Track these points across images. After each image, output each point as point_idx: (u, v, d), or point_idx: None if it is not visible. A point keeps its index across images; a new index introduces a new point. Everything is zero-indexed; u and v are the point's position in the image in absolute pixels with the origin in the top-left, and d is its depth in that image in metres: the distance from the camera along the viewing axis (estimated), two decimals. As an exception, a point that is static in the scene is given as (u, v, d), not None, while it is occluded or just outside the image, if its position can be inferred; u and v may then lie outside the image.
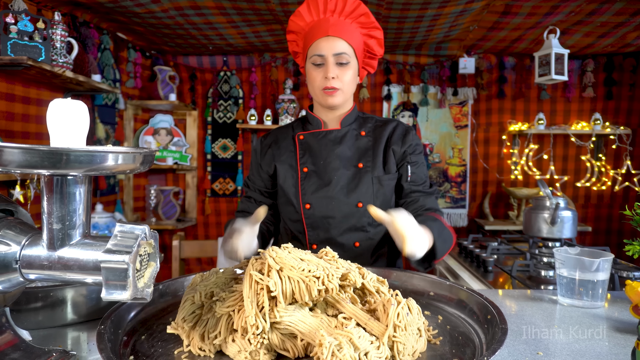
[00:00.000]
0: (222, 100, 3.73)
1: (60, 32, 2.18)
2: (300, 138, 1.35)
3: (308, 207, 1.29)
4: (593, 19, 2.68)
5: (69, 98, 0.80)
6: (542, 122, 3.53)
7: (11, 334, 0.69)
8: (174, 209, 3.49)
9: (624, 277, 1.66)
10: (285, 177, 1.33)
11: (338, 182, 1.29)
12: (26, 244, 0.62)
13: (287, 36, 1.35)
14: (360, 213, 1.28)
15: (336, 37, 1.22)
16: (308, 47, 1.26)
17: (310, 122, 1.38)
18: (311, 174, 1.31)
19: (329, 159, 1.31)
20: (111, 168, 0.57)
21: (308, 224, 1.30)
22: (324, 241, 1.29)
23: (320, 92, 1.26)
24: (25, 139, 2.32)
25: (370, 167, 1.30)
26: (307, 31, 1.28)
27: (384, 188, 1.30)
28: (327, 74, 1.23)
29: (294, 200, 1.31)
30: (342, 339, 0.63)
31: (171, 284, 0.97)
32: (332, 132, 1.34)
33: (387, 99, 3.71)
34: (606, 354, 0.81)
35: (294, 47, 1.36)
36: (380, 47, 1.33)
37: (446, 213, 3.78)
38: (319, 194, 1.29)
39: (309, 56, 1.26)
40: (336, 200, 1.28)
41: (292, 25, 1.31)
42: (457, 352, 0.75)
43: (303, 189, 1.30)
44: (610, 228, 3.74)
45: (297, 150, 1.34)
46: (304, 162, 1.33)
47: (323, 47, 1.22)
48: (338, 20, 1.24)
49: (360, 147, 1.33)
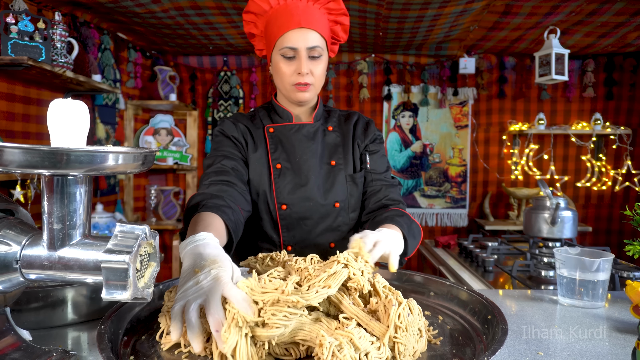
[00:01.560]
0: (222, 100, 3.73)
1: (61, 32, 2.18)
2: (270, 131, 1.25)
3: (284, 208, 1.21)
4: (593, 19, 2.68)
5: (70, 98, 0.80)
6: (543, 122, 3.53)
7: (11, 334, 0.69)
8: (174, 209, 3.49)
9: (625, 277, 1.66)
10: (260, 172, 1.22)
11: (315, 182, 1.22)
12: (27, 244, 0.62)
13: (244, 16, 1.23)
14: (336, 213, 1.23)
15: (309, 28, 1.14)
16: (277, 36, 1.16)
17: (278, 113, 1.28)
18: (285, 171, 1.22)
19: (304, 157, 1.23)
20: (111, 168, 0.57)
21: (283, 225, 1.22)
22: (299, 242, 1.23)
23: (292, 87, 1.18)
24: (25, 139, 2.32)
25: (342, 164, 1.25)
26: (272, 15, 1.18)
27: (357, 186, 1.26)
28: (300, 69, 1.15)
29: (269, 198, 1.21)
30: (342, 339, 0.63)
31: (171, 284, 0.97)
32: (305, 127, 1.26)
33: (387, 99, 3.71)
34: (606, 354, 0.80)
35: (251, 28, 1.25)
36: (345, 34, 1.25)
37: (446, 213, 3.78)
38: (296, 194, 1.21)
39: (278, 47, 1.16)
40: (314, 201, 1.21)
41: (252, 6, 1.20)
42: (457, 352, 0.75)
43: (277, 188, 1.21)
44: (610, 228, 3.74)
45: (268, 144, 1.24)
46: (276, 157, 1.23)
47: (295, 39, 1.14)
48: (307, 6, 1.16)
49: (329, 143, 1.27)
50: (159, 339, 0.75)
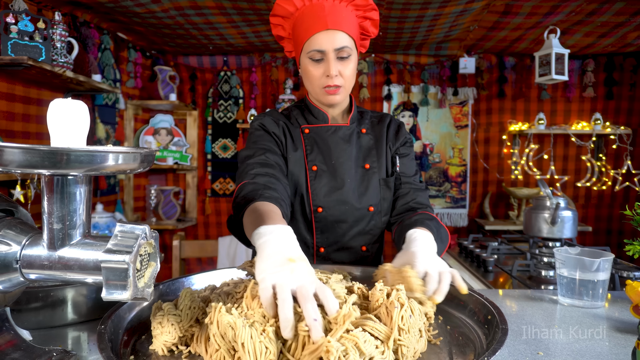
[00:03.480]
0: (222, 100, 3.73)
1: (61, 32, 2.18)
2: (305, 132, 1.24)
3: (320, 210, 1.20)
4: (593, 19, 2.68)
5: (70, 98, 0.80)
6: (543, 122, 3.53)
7: (12, 334, 0.69)
8: (174, 209, 3.49)
9: (625, 277, 1.66)
10: (299, 173, 1.20)
11: (350, 185, 1.21)
12: (27, 244, 0.62)
13: (272, 19, 1.21)
14: (370, 217, 1.23)
15: (336, 29, 1.11)
16: (304, 39, 1.14)
17: (313, 114, 1.26)
18: (321, 173, 1.21)
19: (340, 159, 1.21)
20: (111, 168, 0.57)
21: (318, 227, 1.21)
22: (332, 244, 1.22)
23: (321, 91, 1.17)
24: (25, 138, 2.32)
25: (376, 168, 1.24)
26: (299, 17, 1.15)
27: (390, 190, 1.25)
28: (329, 72, 1.13)
29: (305, 200, 1.20)
30: (348, 343, 0.62)
31: (171, 284, 0.97)
32: (342, 129, 1.24)
33: (387, 98, 3.71)
34: (606, 354, 0.80)
35: (279, 30, 1.22)
36: (375, 28, 1.22)
37: (446, 213, 3.78)
38: (332, 197, 1.20)
39: (306, 50, 1.14)
40: (349, 204, 1.20)
41: (278, 9, 1.17)
42: (457, 352, 0.75)
43: (313, 190, 1.20)
44: (610, 228, 3.74)
45: (304, 145, 1.23)
46: (312, 159, 1.21)
47: (323, 41, 1.11)
48: (333, 5, 1.13)
49: (363, 145, 1.26)
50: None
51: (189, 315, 0.74)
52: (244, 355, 0.62)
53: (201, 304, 0.77)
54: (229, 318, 0.64)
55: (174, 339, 0.72)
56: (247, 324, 0.64)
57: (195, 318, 0.75)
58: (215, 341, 0.65)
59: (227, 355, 0.65)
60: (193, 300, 0.77)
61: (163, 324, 0.73)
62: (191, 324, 0.74)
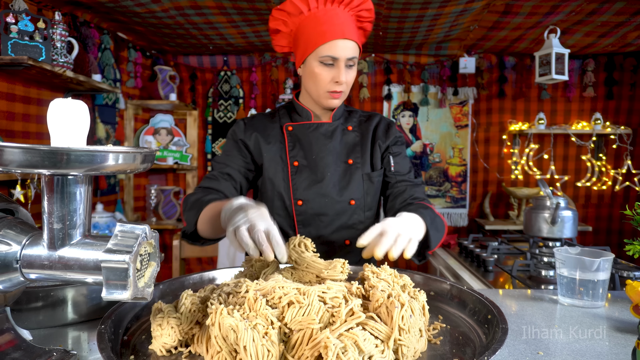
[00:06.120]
0: (222, 100, 3.73)
1: (61, 31, 2.18)
2: (289, 129, 1.29)
3: (300, 203, 1.25)
4: (593, 19, 2.68)
5: (70, 98, 0.80)
6: (543, 121, 3.53)
7: (12, 334, 0.69)
8: (175, 209, 3.49)
9: (625, 277, 1.66)
10: (275, 170, 1.27)
11: (331, 179, 1.25)
12: (27, 244, 0.62)
13: (275, 12, 1.22)
14: (352, 211, 1.26)
15: (349, 39, 1.17)
16: (318, 43, 1.16)
17: (298, 112, 1.32)
18: (302, 168, 1.26)
19: (321, 154, 1.26)
20: (112, 168, 0.57)
21: (299, 220, 1.25)
22: (315, 239, 1.23)
23: (325, 94, 1.22)
24: (25, 138, 2.32)
25: (360, 163, 1.28)
26: (310, 19, 1.18)
27: (374, 185, 1.29)
28: (338, 78, 1.18)
29: (285, 195, 1.26)
30: (347, 341, 0.62)
31: (171, 284, 0.97)
32: (323, 126, 1.29)
33: (387, 98, 3.71)
34: (606, 353, 0.80)
35: (278, 24, 1.24)
36: (365, 38, 1.29)
37: (446, 213, 3.78)
38: (312, 190, 1.25)
39: (319, 54, 1.17)
40: (329, 197, 1.25)
41: (289, 6, 1.19)
42: (457, 352, 0.75)
43: (294, 185, 1.25)
44: (610, 228, 3.74)
45: (286, 142, 1.28)
46: (294, 155, 1.27)
47: (338, 49, 1.16)
48: (345, 14, 1.18)
49: (348, 142, 1.30)
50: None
51: (189, 318, 0.74)
52: (245, 358, 0.62)
53: (201, 305, 0.77)
54: (230, 321, 0.64)
55: (173, 342, 0.73)
56: (249, 327, 0.64)
57: (195, 320, 0.75)
58: (216, 343, 0.65)
59: (228, 357, 0.65)
60: (193, 303, 0.77)
61: (163, 325, 0.73)
62: (191, 326, 0.74)
